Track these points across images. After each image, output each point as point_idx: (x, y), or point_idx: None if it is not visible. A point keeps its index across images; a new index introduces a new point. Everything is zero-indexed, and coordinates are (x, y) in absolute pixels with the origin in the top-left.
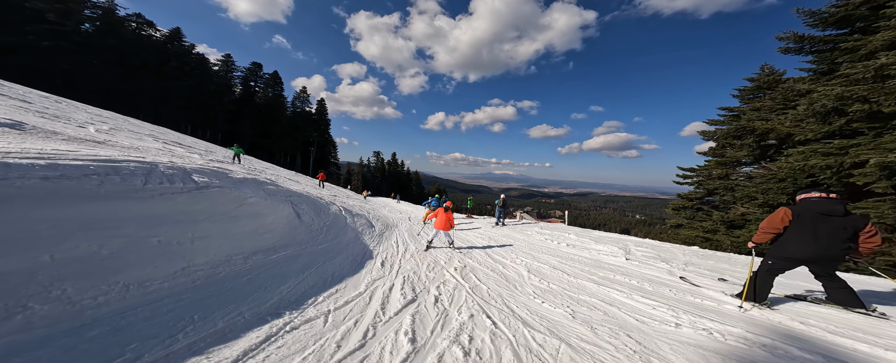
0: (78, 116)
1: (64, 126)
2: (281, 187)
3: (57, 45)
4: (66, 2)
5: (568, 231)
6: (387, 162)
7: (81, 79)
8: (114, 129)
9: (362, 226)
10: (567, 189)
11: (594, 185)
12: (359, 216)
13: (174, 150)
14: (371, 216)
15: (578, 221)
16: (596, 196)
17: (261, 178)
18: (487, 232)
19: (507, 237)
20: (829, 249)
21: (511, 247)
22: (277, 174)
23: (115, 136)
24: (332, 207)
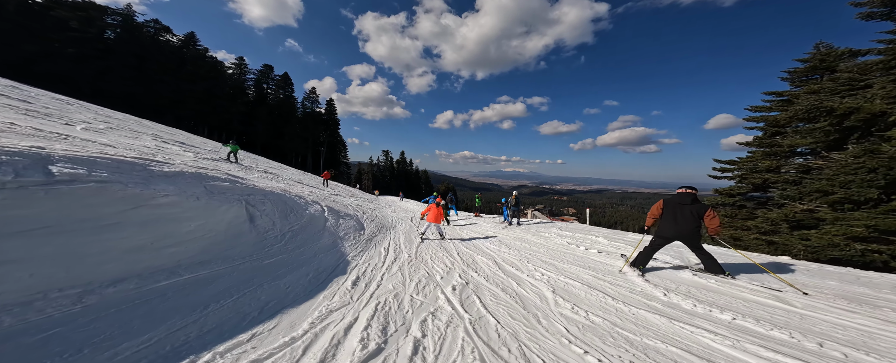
0: (77, 116)
1: (42, 122)
2: (241, 184)
3: (81, 51)
4: (87, 10)
5: (594, 233)
6: (396, 161)
7: (106, 85)
8: (111, 129)
9: (348, 229)
10: (580, 186)
11: (609, 182)
12: (347, 217)
13: (167, 149)
14: (365, 216)
15: (593, 219)
16: (611, 193)
17: (212, 173)
18: (496, 233)
19: (521, 240)
20: (685, 229)
21: (527, 254)
22: (277, 173)
23: (105, 135)
24: (313, 207)
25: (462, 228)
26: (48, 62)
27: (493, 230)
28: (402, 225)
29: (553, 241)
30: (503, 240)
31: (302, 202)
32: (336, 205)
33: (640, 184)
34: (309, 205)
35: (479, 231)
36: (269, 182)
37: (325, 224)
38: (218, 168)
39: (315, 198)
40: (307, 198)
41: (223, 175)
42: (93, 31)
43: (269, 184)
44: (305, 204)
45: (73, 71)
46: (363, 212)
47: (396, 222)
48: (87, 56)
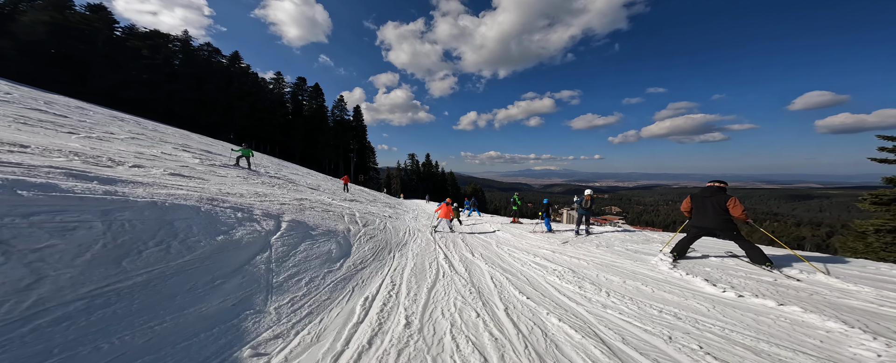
0: (115, 129)
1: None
2: (99, 196)
3: (153, 77)
4: (154, 38)
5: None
6: (422, 164)
7: (176, 106)
8: (133, 137)
9: (307, 261)
10: (624, 182)
11: (661, 176)
12: (322, 237)
13: (179, 155)
14: (363, 231)
15: (643, 219)
16: (665, 188)
17: (40, 180)
18: (570, 258)
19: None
20: (707, 220)
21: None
22: (295, 179)
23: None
24: (259, 224)
25: (500, 248)
26: (130, 89)
27: (550, 245)
28: (418, 240)
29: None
30: (609, 282)
31: (238, 218)
32: (316, 219)
33: (705, 177)
34: (251, 223)
35: (528, 246)
36: (239, 188)
37: (257, 257)
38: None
39: (292, 208)
40: (270, 211)
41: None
42: (159, 57)
43: (232, 189)
44: (240, 221)
45: (148, 95)
46: (365, 224)
47: (411, 236)
48: (158, 81)
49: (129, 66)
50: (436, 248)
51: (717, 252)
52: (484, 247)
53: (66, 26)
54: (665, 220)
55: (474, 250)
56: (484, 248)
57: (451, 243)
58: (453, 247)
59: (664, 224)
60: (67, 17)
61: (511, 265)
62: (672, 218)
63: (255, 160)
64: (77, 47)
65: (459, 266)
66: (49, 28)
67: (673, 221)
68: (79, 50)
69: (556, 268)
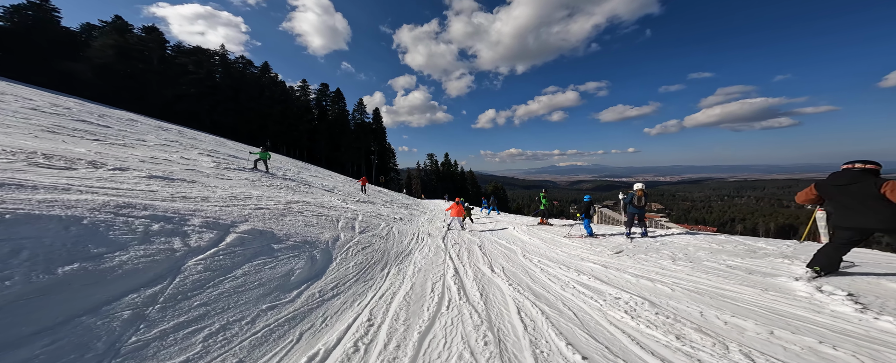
0: (151, 137)
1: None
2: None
3: (199, 91)
4: (197, 54)
5: None
6: (441, 163)
7: (218, 117)
8: (171, 145)
9: (235, 294)
10: (665, 176)
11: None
12: (289, 252)
13: (197, 160)
14: (357, 238)
15: (692, 216)
16: (718, 182)
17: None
18: (643, 281)
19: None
20: (875, 217)
21: None
22: (311, 182)
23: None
24: (144, 248)
25: (540, 271)
26: (182, 102)
27: (598, 256)
28: (425, 248)
29: None
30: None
31: (148, 231)
32: (293, 227)
33: (770, 169)
34: (167, 238)
35: (566, 257)
36: (220, 192)
37: (135, 294)
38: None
39: (268, 214)
40: (221, 219)
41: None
42: (203, 72)
43: (209, 193)
44: (146, 236)
45: (196, 107)
46: (363, 230)
47: (418, 243)
48: (203, 94)
49: (178, 81)
50: (445, 260)
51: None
52: (507, 258)
53: (127, 48)
54: (720, 218)
55: (494, 262)
56: (507, 260)
57: (464, 252)
58: (467, 257)
59: (720, 222)
60: (127, 39)
61: (546, 287)
62: (729, 215)
63: (277, 163)
64: (137, 66)
65: (473, 288)
66: (115, 50)
67: (731, 219)
68: (138, 69)
69: (619, 295)
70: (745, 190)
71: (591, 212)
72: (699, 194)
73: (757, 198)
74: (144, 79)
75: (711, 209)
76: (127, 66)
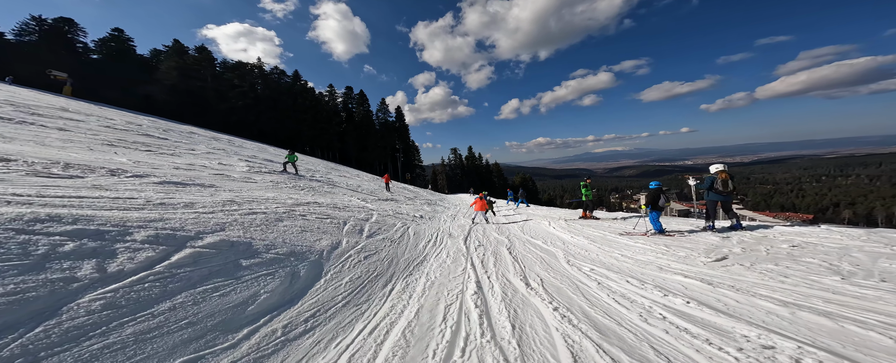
0: (202, 147)
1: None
2: None
3: (245, 103)
4: (240, 68)
5: None
6: (465, 157)
7: (264, 125)
8: (218, 152)
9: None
10: (734, 157)
11: (801, 145)
12: (252, 272)
13: (233, 164)
14: (344, 252)
15: (775, 202)
16: (810, 160)
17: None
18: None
19: None
20: None
21: None
22: (337, 181)
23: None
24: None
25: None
26: (234, 115)
27: (686, 264)
28: (444, 253)
29: None
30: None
31: (50, 254)
32: (286, 233)
33: (885, 140)
34: (71, 261)
35: (633, 265)
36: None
37: None
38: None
39: (260, 219)
40: (186, 228)
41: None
42: (246, 85)
43: (207, 198)
44: (44, 258)
45: (245, 118)
46: (372, 233)
47: (436, 246)
48: (249, 105)
49: (228, 95)
50: (466, 269)
51: None
52: (545, 265)
53: (186, 68)
54: (817, 203)
55: (529, 271)
56: (545, 267)
57: (490, 257)
58: (494, 264)
59: (817, 208)
60: (185, 60)
61: (614, 315)
62: (830, 198)
63: (308, 165)
64: (196, 84)
65: (500, 315)
66: (178, 71)
67: (833, 203)
68: (197, 86)
69: (769, 340)
70: (850, 167)
71: (661, 202)
72: (783, 175)
73: (870, 176)
74: (203, 95)
75: (803, 193)
76: (188, 85)
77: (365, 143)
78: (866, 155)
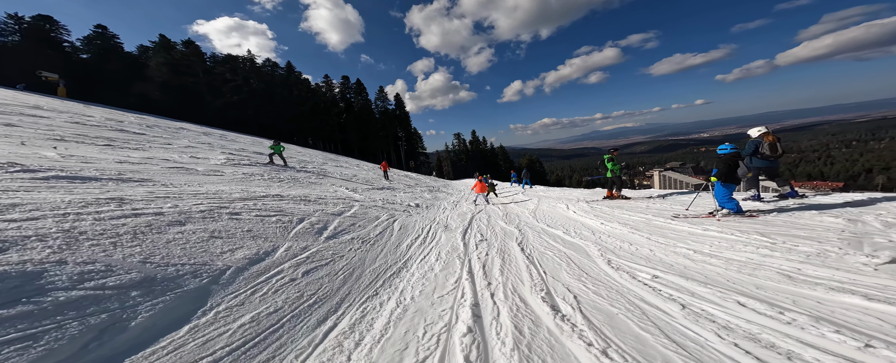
0: (181, 142)
1: None
2: None
3: (241, 98)
4: (230, 62)
5: None
6: (469, 142)
7: (262, 120)
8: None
9: None
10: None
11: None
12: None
13: (209, 158)
14: (265, 270)
15: (801, 171)
16: (839, 125)
17: None
18: None
19: None
20: None
21: None
22: (330, 171)
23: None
24: None
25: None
26: (231, 110)
27: (849, 274)
28: (432, 253)
29: None
30: None
31: None
32: (143, 248)
33: None
34: None
35: (736, 276)
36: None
37: None
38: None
39: (144, 223)
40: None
41: None
42: (238, 78)
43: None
44: None
45: (243, 113)
46: (337, 232)
47: (424, 244)
48: (244, 100)
49: (222, 90)
50: (460, 280)
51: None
52: (576, 269)
53: (175, 63)
54: (848, 170)
55: (553, 282)
56: (577, 273)
57: (495, 257)
58: (500, 269)
59: (847, 175)
60: (173, 55)
61: None
62: (862, 164)
63: (304, 157)
64: (188, 80)
65: None
66: (167, 67)
67: (866, 169)
68: (189, 82)
69: None
70: (883, 130)
71: (741, 172)
72: (810, 142)
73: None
74: (196, 91)
75: (832, 160)
76: (181, 81)
77: (366, 132)
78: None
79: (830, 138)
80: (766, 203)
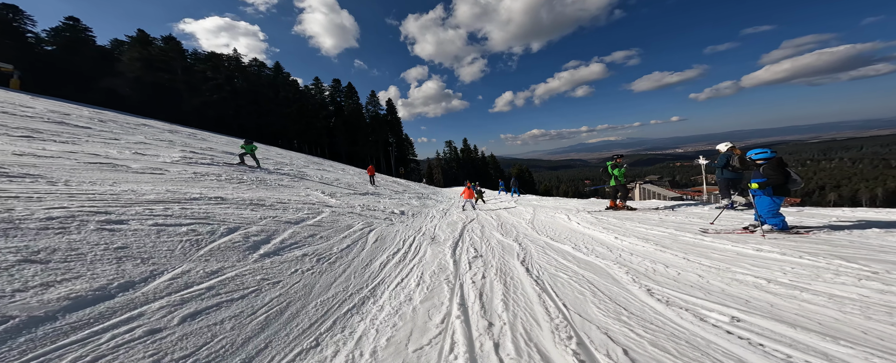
0: (137, 137)
1: None
2: None
3: (221, 96)
4: (213, 59)
5: None
6: (460, 150)
7: (243, 120)
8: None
9: None
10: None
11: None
12: None
13: (162, 155)
14: None
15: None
16: (795, 145)
17: None
18: None
19: None
20: None
21: None
22: (306, 173)
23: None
24: None
25: None
26: (210, 109)
27: None
28: (413, 274)
29: None
30: None
31: None
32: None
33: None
34: None
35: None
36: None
37: None
38: None
39: None
40: None
41: None
42: (221, 77)
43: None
44: None
45: (223, 113)
46: (283, 248)
47: (402, 261)
48: (225, 99)
49: (201, 88)
50: (448, 322)
51: None
52: (607, 302)
53: (151, 59)
54: (805, 186)
55: (582, 322)
56: (611, 310)
57: (496, 281)
58: (503, 300)
59: (803, 192)
60: (150, 51)
61: None
62: (816, 182)
63: (284, 160)
64: (164, 77)
65: None
66: (141, 63)
67: (819, 187)
68: (165, 79)
69: None
70: (834, 151)
71: (794, 182)
72: None
73: (852, 159)
74: (173, 88)
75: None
76: (155, 77)
77: (355, 137)
78: (848, 139)
79: (788, 157)
80: (743, 210)
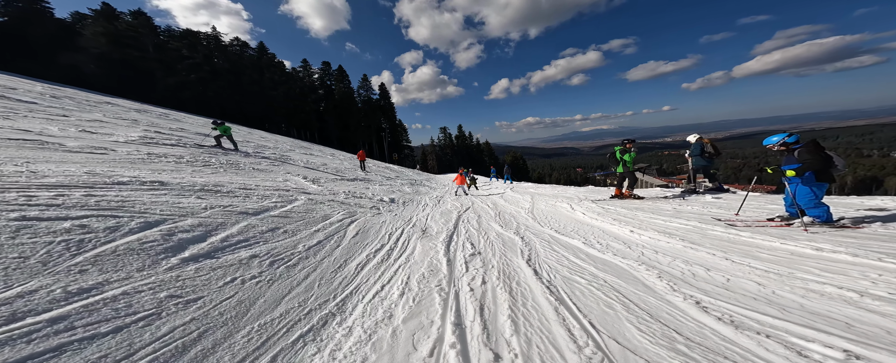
0: (86, 115)
1: None
2: None
3: (199, 76)
4: (189, 37)
5: None
6: (455, 136)
7: (225, 103)
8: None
9: None
10: (710, 133)
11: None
12: None
13: (115, 134)
14: None
15: (743, 175)
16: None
17: None
18: None
19: None
20: None
21: None
22: (289, 157)
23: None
24: None
25: None
26: (186, 90)
27: None
28: (396, 282)
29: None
30: None
31: None
32: None
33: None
34: None
35: None
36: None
37: None
38: None
39: None
40: None
41: None
42: (198, 56)
43: None
44: None
45: (202, 94)
46: (217, 252)
47: (383, 264)
48: (204, 80)
49: (176, 67)
50: (440, 339)
51: None
52: (645, 322)
53: (117, 34)
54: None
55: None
56: (653, 331)
57: (499, 287)
58: (511, 317)
59: (780, 181)
60: (117, 26)
61: None
62: None
63: (268, 143)
64: (132, 54)
65: None
66: (106, 38)
67: None
68: (134, 57)
69: None
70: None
71: (839, 166)
72: (753, 149)
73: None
74: (145, 67)
75: (770, 165)
76: (123, 54)
77: (346, 121)
78: (826, 129)
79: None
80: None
